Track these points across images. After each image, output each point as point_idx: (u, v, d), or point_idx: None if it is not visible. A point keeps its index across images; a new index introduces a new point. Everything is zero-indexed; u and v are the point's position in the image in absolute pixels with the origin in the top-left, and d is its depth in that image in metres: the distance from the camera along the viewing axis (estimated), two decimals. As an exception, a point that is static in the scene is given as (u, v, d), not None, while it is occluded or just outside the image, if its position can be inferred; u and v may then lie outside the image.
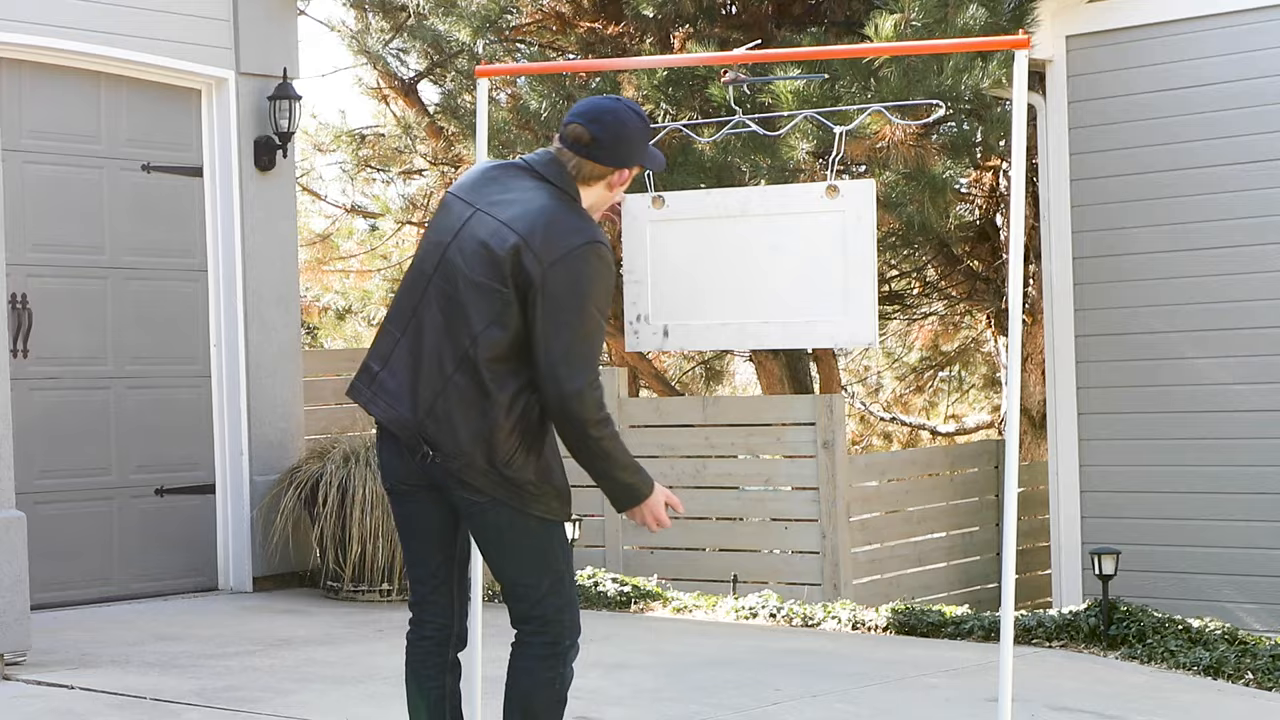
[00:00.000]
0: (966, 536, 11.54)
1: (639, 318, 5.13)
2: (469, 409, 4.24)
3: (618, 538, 10.60)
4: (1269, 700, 6.90)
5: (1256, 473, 9.24)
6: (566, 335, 4.18)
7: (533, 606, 4.37)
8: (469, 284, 4.27)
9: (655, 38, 11.05)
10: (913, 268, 15.25)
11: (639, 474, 4.35)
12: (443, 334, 4.29)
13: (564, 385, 4.18)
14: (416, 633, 4.56)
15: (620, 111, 4.39)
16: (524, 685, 4.39)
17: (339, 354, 14.37)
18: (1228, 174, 9.33)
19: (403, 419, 4.32)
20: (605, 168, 4.39)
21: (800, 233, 5.02)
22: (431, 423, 4.28)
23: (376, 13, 13.27)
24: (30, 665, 6.92)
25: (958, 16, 8.82)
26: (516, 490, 4.28)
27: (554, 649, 4.38)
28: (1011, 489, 5.02)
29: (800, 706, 6.35)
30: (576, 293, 4.20)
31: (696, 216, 5.12)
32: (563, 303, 4.19)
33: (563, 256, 4.20)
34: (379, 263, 17.16)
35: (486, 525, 4.35)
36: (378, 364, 4.40)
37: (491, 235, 4.27)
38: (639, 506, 4.38)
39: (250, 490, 9.27)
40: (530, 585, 4.37)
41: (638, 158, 4.44)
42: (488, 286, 4.24)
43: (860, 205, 4.97)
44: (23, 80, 8.66)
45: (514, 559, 4.37)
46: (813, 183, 5.12)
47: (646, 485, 4.37)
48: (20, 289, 8.54)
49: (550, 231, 4.23)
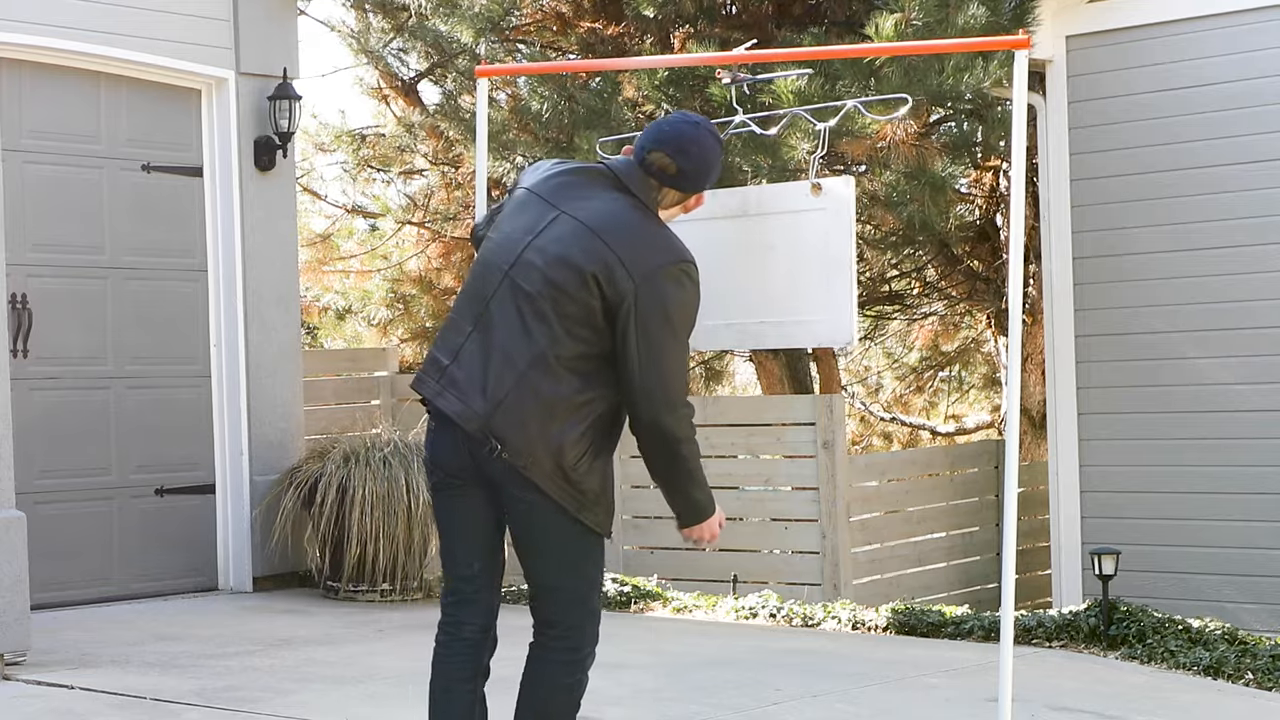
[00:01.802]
0: (966, 536, 11.53)
1: None
2: (542, 409, 4.23)
3: (618, 538, 10.60)
4: (1269, 700, 6.90)
5: (1257, 473, 9.24)
6: (662, 356, 4.23)
7: (561, 611, 4.37)
8: (550, 284, 4.24)
9: (655, 38, 11.05)
10: (913, 268, 15.24)
11: (708, 492, 4.43)
12: (518, 332, 4.26)
13: (660, 406, 4.24)
14: (453, 634, 4.47)
15: (704, 140, 4.42)
16: (542, 689, 4.38)
17: (339, 354, 14.38)
18: (1228, 174, 9.33)
19: (472, 412, 4.27)
20: (686, 194, 4.47)
21: (789, 231, 5.03)
22: (501, 417, 4.24)
23: (377, 13, 13.27)
24: (30, 665, 6.92)
25: (958, 16, 8.82)
26: (577, 495, 4.29)
27: (575, 655, 4.38)
28: (1011, 489, 5.02)
29: (800, 706, 6.35)
30: (667, 313, 4.22)
31: (704, 217, 5.13)
32: (653, 321, 4.21)
33: (653, 274, 4.22)
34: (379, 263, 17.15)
35: (534, 525, 4.32)
36: (447, 357, 4.35)
37: (576, 238, 4.26)
38: (702, 524, 4.44)
39: (250, 490, 9.27)
40: (563, 590, 4.37)
41: (714, 180, 4.51)
42: (572, 292, 4.23)
43: (839, 202, 4.96)
44: (23, 80, 8.66)
45: (553, 562, 4.36)
46: (799, 181, 5.12)
47: (712, 504, 4.45)
48: (20, 289, 8.54)
49: (641, 246, 4.25)
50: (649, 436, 4.27)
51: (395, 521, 8.87)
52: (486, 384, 4.27)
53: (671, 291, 4.23)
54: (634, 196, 4.36)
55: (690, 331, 4.31)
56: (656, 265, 4.22)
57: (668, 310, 4.22)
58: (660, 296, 4.21)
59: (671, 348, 4.23)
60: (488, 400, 4.26)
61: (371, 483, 8.87)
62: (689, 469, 4.34)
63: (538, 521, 4.32)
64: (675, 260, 4.26)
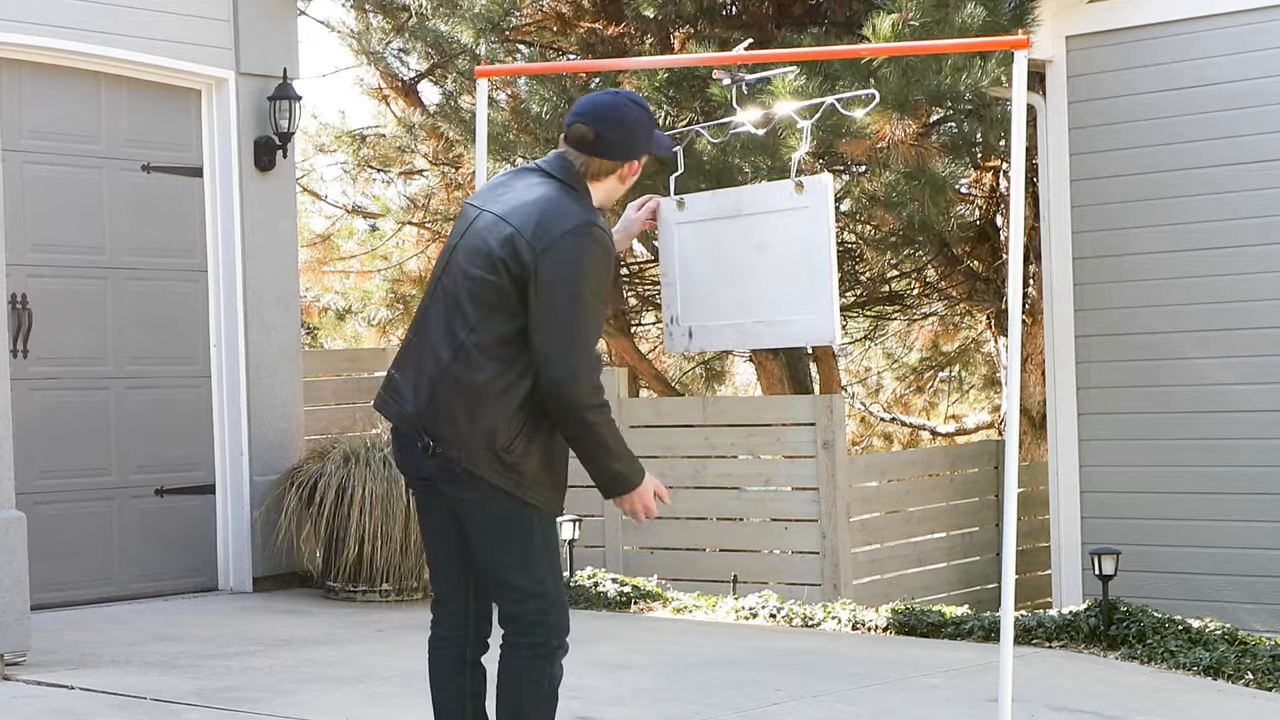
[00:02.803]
0: (966, 537, 11.53)
1: (672, 320, 5.16)
2: (466, 399, 4.29)
3: (618, 538, 10.59)
4: (1269, 700, 6.90)
5: (1257, 473, 9.23)
6: (559, 319, 4.22)
7: (518, 606, 4.39)
8: (466, 277, 4.33)
9: (655, 38, 11.05)
10: (913, 268, 15.24)
11: (631, 463, 4.38)
12: (443, 330, 4.36)
13: (556, 369, 4.21)
14: (434, 632, 4.58)
15: (621, 105, 4.44)
16: (512, 687, 4.41)
17: (339, 354, 14.37)
18: (1230, 174, 9.33)
19: (405, 412, 4.40)
20: (614, 162, 4.44)
21: (778, 230, 5.03)
22: (431, 413, 4.33)
23: (377, 13, 13.27)
24: (30, 665, 6.92)
25: (956, 16, 8.81)
26: (516, 477, 4.31)
27: (540, 649, 4.39)
28: (1011, 489, 5.02)
29: (800, 707, 6.34)
30: (568, 276, 4.23)
31: (706, 218, 5.14)
32: (555, 287, 4.22)
33: (554, 242, 4.25)
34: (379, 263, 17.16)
35: (480, 522, 4.37)
36: (395, 369, 4.50)
37: (489, 229, 4.35)
38: (628, 495, 4.40)
39: (250, 490, 9.27)
40: (516, 586, 4.39)
41: (643, 148, 4.49)
42: (482, 277, 4.30)
43: (819, 199, 4.97)
44: (23, 80, 8.66)
45: (502, 557, 4.38)
46: (784, 180, 5.13)
47: (637, 474, 4.40)
48: (20, 289, 8.54)
49: (543, 219, 4.28)
50: (552, 402, 4.25)
51: (395, 522, 8.87)
52: (419, 383, 4.37)
53: (570, 255, 4.24)
54: (555, 179, 4.40)
55: (601, 295, 4.29)
56: (557, 234, 4.25)
57: (566, 273, 4.23)
58: (559, 261, 4.23)
59: (571, 311, 4.22)
60: (419, 399, 4.36)
61: (371, 483, 8.87)
62: (599, 437, 4.29)
63: (483, 518, 4.36)
64: (575, 225, 4.27)
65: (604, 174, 4.45)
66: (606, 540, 10.58)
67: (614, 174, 4.47)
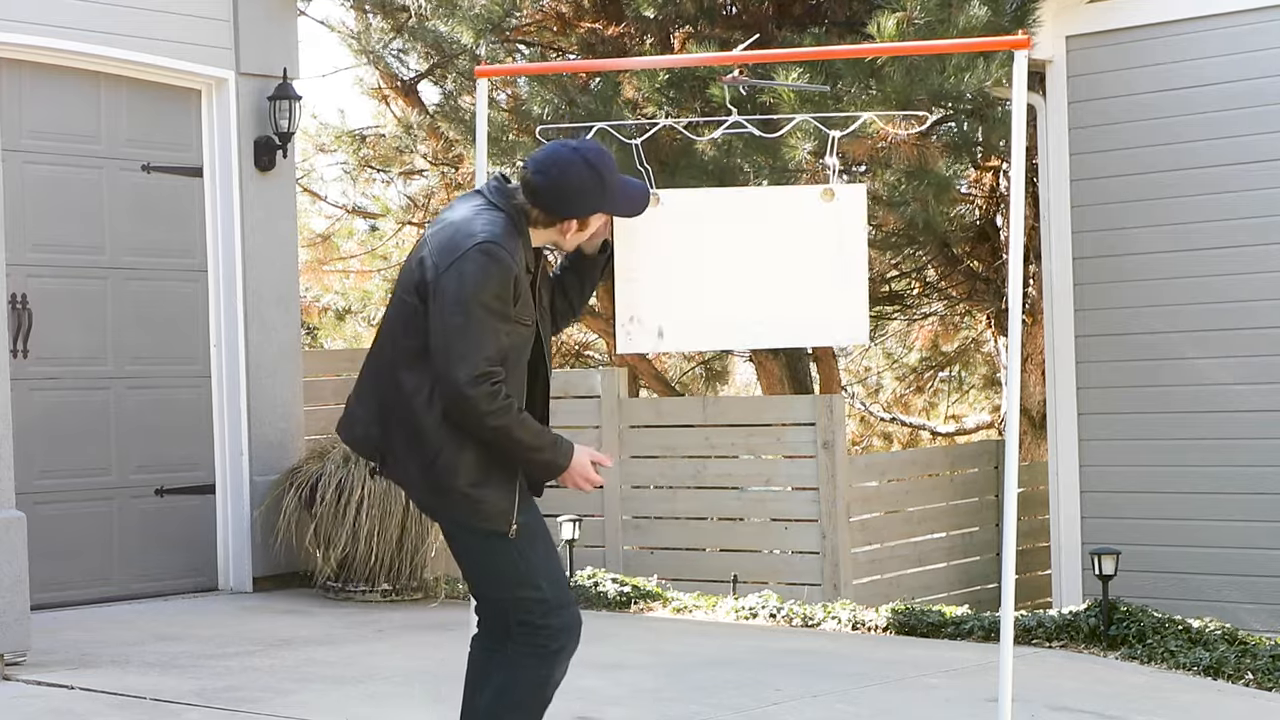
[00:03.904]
0: (966, 537, 11.53)
1: (631, 319, 5.11)
2: (399, 415, 4.35)
3: (618, 538, 10.60)
4: (1269, 700, 6.90)
5: (1257, 473, 9.23)
6: (448, 335, 4.23)
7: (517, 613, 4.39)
8: (399, 302, 4.41)
9: (656, 38, 11.04)
10: (913, 268, 15.24)
11: (554, 448, 4.36)
12: (381, 352, 4.44)
13: (449, 382, 4.23)
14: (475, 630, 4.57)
15: (567, 163, 4.37)
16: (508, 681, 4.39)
17: (339, 354, 14.38)
18: (1229, 174, 9.33)
19: (355, 433, 4.50)
20: (550, 215, 4.41)
21: (796, 234, 5.05)
22: (377, 430, 4.42)
23: (377, 13, 13.27)
24: (30, 665, 6.92)
25: (959, 16, 8.81)
26: (449, 500, 4.33)
27: (542, 652, 4.39)
28: (1011, 489, 5.02)
29: (800, 706, 6.34)
30: (457, 290, 4.24)
31: (693, 216, 5.12)
32: (447, 302, 4.25)
33: (453, 261, 4.27)
34: (379, 263, 17.16)
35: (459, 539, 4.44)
36: (353, 394, 4.56)
37: (416, 253, 4.42)
38: (562, 477, 4.42)
39: (250, 490, 9.27)
40: (506, 599, 4.40)
41: (587, 208, 4.43)
42: (404, 300, 4.37)
43: (854, 209, 5.02)
44: (23, 80, 8.66)
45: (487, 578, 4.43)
46: (807, 185, 5.16)
47: (564, 456, 4.39)
48: (20, 289, 8.54)
49: (450, 240, 4.32)
50: (456, 413, 4.26)
51: (394, 521, 8.87)
52: (368, 405, 4.45)
53: (462, 270, 4.25)
54: (488, 202, 4.39)
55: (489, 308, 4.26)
56: (457, 253, 4.27)
57: (456, 288, 4.24)
58: (451, 277, 4.26)
59: (461, 325, 4.23)
60: (365, 421, 4.45)
61: (371, 483, 8.87)
62: (511, 438, 4.28)
63: (456, 547, 4.45)
64: (471, 244, 4.27)
65: (540, 224, 4.42)
66: (606, 540, 10.58)
67: (553, 226, 4.43)
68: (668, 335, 5.13)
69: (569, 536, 9.22)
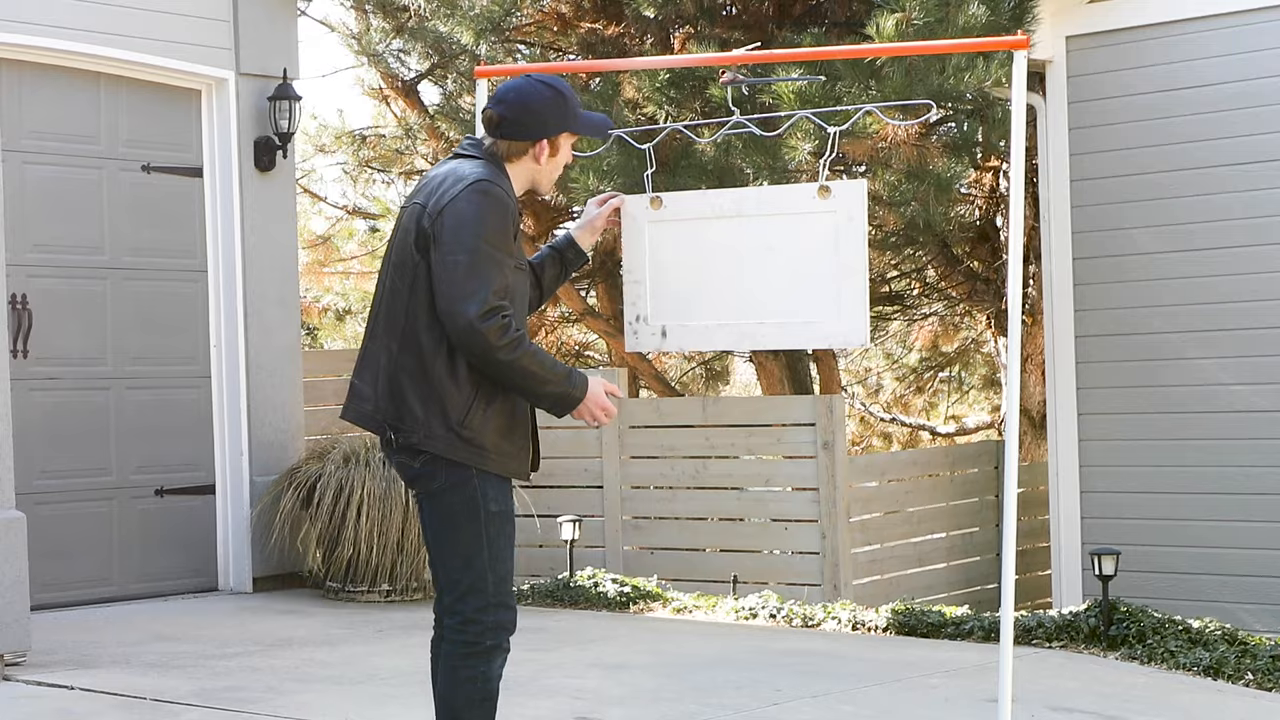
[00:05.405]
0: (966, 537, 11.53)
1: (638, 318, 5.14)
2: (417, 379, 4.34)
3: (618, 538, 10.59)
4: (1269, 700, 6.90)
5: (1257, 473, 9.23)
6: (452, 272, 4.26)
7: (457, 600, 4.41)
8: (395, 266, 4.42)
9: (656, 38, 11.05)
10: (913, 268, 15.24)
11: (568, 380, 4.39)
12: (386, 323, 4.42)
13: (457, 319, 4.24)
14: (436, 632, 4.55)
15: (525, 88, 4.49)
16: (446, 681, 4.43)
17: (339, 354, 14.36)
18: (1229, 174, 9.33)
19: (363, 410, 4.46)
20: (522, 143, 4.48)
21: (793, 233, 5.03)
22: (387, 402, 4.39)
23: (377, 13, 13.27)
24: (30, 665, 6.92)
25: (959, 16, 8.81)
26: (477, 451, 4.35)
27: (473, 648, 4.40)
28: (1011, 489, 5.02)
29: (800, 707, 6.34)
30: (456, 228, 4.28)
31: (694, 217, 5.12)
32: (444, 241, 4.28)
33: (448, 204, 4.32)
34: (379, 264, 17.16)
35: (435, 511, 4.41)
36: (355, 375, 4.54)
37: (406, 214, 4.45)
38: (579, 409, 4.42)
39: (250, 491, 9.27)
40: (456, 579, 4.41)
41: (554, 127, 4.50)
42: (405, 260, 4.38)
43: (852, 205, 4.99)
44: (23, 80, 8.66)
45: (447, 547, 4.41)
46: (804, 183, 5.13)
47: (579, 388, 4.41)
48: (20, 289, 8.54)
49: (441, 187, 4.38)
50: (468, 354, 4.28)
51: (394, 522, 8.87)
52: (376, 380, 4.43)
53: (458, 209, 4.30)
54: (467, 155, 4.47)
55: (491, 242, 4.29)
56: (450, 196, 4.32)
57: (455, 226, 4.28)
58: (449, 217, 4.30)
59: (463, 261, 4.25)
60: (377, 394, 4.42)
61: (370, 483, 8.87)
62: (524, 371, 4.29)
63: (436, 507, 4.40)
64: (463, 187, 4.33)
65: (515, 155, 4.49)
66: (606, 540, 10.57)
67: (526, 154, 4.49)
68: (671, 336, 5.15)
69: (569, 537, 9.22)
